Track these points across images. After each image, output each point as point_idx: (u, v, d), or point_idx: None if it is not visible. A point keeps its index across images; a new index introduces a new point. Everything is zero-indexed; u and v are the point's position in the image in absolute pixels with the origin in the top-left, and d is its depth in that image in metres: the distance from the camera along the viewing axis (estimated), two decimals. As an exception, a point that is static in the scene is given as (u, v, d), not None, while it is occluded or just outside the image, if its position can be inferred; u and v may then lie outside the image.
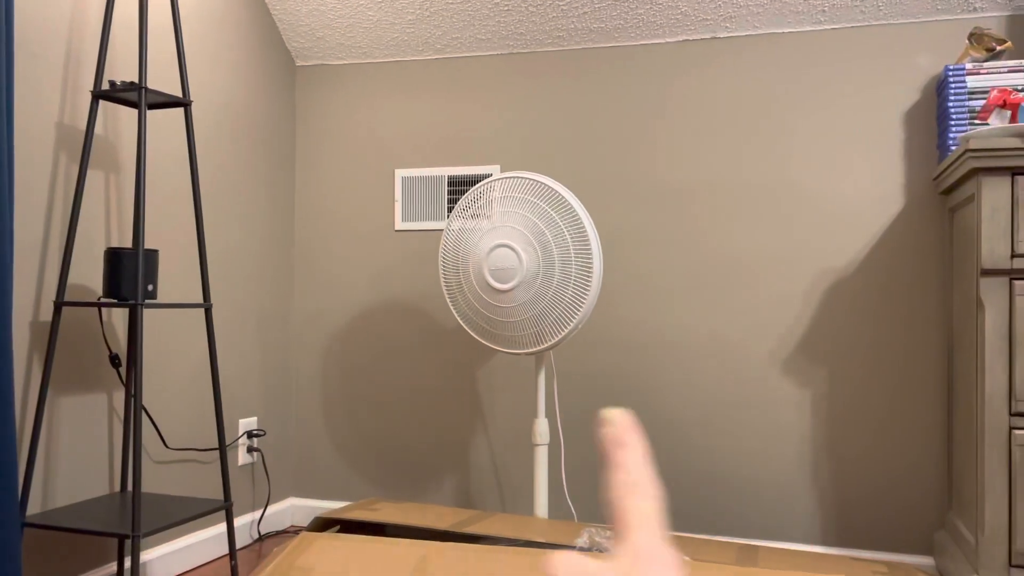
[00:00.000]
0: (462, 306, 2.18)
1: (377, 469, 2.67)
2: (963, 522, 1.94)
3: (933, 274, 2.21)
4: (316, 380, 2.73)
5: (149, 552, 2.14)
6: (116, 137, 2.06)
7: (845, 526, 2.26)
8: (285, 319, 2.72)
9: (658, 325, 2.41)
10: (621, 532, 0.37)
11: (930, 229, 2.21)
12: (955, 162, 1.88)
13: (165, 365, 2.20)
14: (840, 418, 2.27)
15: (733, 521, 2.34)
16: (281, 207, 2.70)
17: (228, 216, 2.46)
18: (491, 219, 2.12)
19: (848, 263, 2.27)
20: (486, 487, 2.56)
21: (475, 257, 2.13)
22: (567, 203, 2.07)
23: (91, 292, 1.98)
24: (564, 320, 2.07)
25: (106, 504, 1.88)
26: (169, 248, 2.22)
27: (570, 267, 2.05)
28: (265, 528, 2.59)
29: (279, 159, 2.69)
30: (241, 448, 2.50)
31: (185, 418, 2.27)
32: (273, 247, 2.66)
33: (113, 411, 2.04)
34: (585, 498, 2.46)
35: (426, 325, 2.62)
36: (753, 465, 2.33)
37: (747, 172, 2.35)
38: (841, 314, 2.27)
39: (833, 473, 2.27)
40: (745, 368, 2.34)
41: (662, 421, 2.40)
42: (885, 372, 2.24)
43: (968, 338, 1.90)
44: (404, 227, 2.64)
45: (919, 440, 2.21)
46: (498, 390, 2.55)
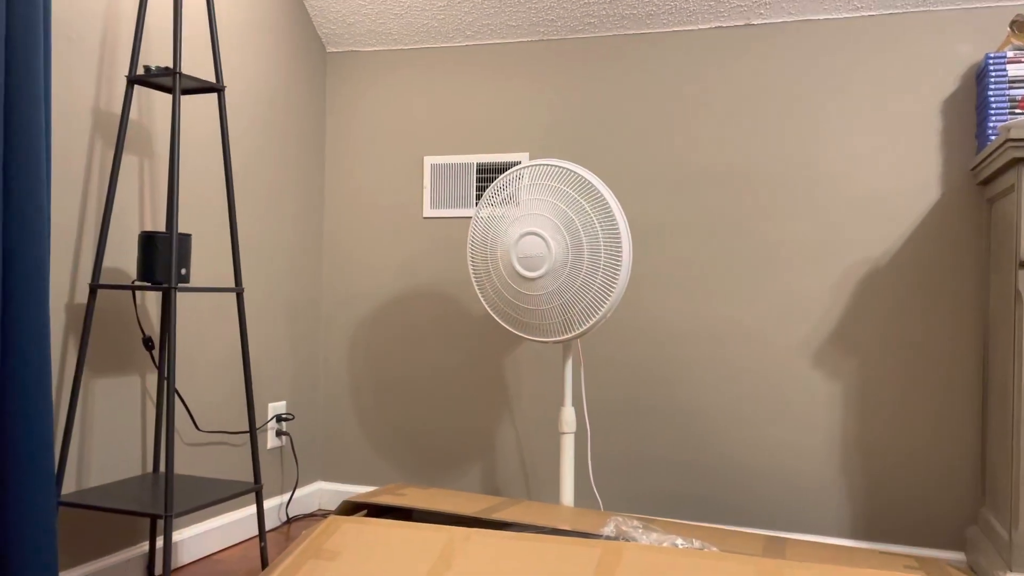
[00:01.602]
0: (490, 294, 2.18)
1: (403, 454, 2.68)
2: (996, 517, 1.91)
3: (969, 266, 2.17)
4: (344, 365, 2.75)
5: (180, 532, 2.18)
6: (150, 122, 2.08)
7: (875, 520, 2.23)
8: (314, 305, 2.74)
9: (687, 315, 2.40)
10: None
11: (967, 220, 2.17)
12: (995, 151, 1.84)
13: (197, 348, 2.23)
14: (871, 410, 2.24)
15: (761, 513, 2.32)
16: (311, 193, 2.72)
17: (259, 202, 2.47)
18: (519, 207, 2.12)
19: (882, 253, 2.24)
20: (512, 474, 2.57)
21: (503, 245, 2.12)
22: (596, 191, 2.06)
23: (125, 275, 2.01)
24: (592, 309, 2.06)
25: (138, 484, 1.91)
26: (202, 233, 2.25)
27: (599, 255, 2.05)
28: (293, 511, 2.62)
29: (309, 145, 2.70)
30: (270, 432, 2.52)
31: (216, 401, 2.30)
32: (303, 233, 2.68)
33: (146, 393, 2.07)
34: (611, 487, 2.46)
35: (453, 312, 2.63)
36: (782, 457, 2.31)
37: (780, 161, 2.32)
38: (874, 305, 2.24)
39: (863, 466, 2.25)
40: (775, 359, 2.32)
41: (690, 411, 2.39)
42: (918, 365, 2.21)
43: (1005, 330, 1.87)
44: (432, 214, 2.65)
45: (952, 434, 2.18)
46: (525, 378, 2.55)
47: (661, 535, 1.88)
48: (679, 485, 2.39)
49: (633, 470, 2.44)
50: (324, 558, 1.85)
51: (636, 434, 2.44)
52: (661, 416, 2.41)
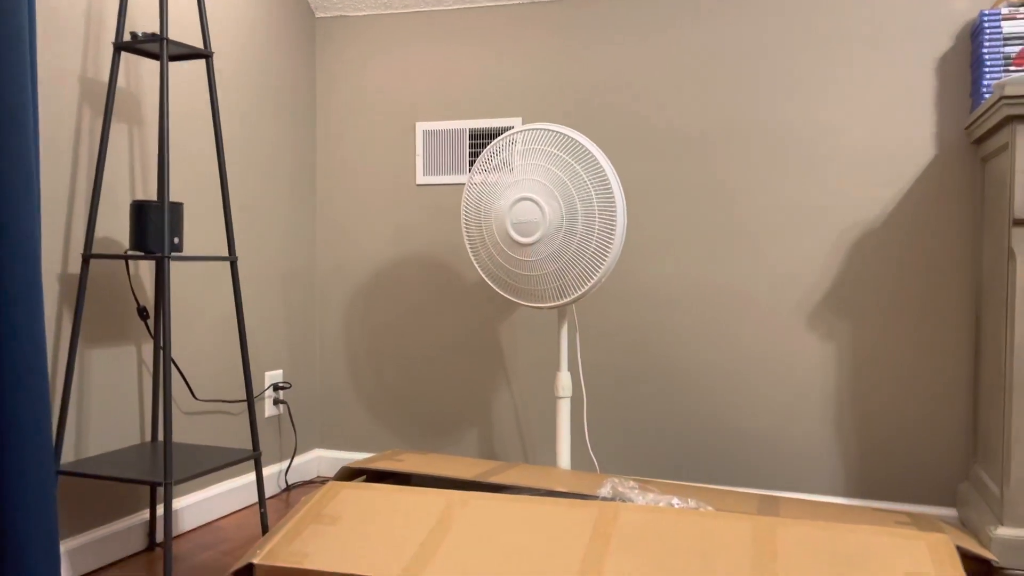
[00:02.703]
0: (484, 260, 2.18)
1: (401, 421, 2.70)
2: (988, 474, 1.94)
3: (963, 225, 2.17)
4: (340, 334, 2.75)
5: (180, 500, 2.19)
6: (139, 90, 2.05)
7: (868, 478, 2.26)
8: (309, 273, 2.74)
9: (682, 278, 2.40)
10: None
11: (961, 179, 2.17)
12: (989, 110, 1.84)
13: (192, 318, 2.23)
14: (865, 370, 2.26)
15: (756, 473, 2.35)
16: (303, 161, 2.70)
17: (251, 169, 2.46)
18: (513, 172, 2.11)
19: (877, 215, 2.24)
20: (509, 439, 2.58)
21: (497, 211, 2.12)
22: (590, 155, 2.05)
23: (118, 245, 2.00)
24: (587, 274, 2.06)
25: (137, 453, 1.92)
26: (194, 202, 2.23)
27: (593, 220, 2.04)
28: (292, 478, 2.64)
29: (300, 112, 2.68)
30: (267, 400, 2.53)
31: (213, 370, 2.30)
32: (296, 201, 2.67)
33: (142, 363, 2.07)
34: (607, 450, 2.48)
35: (448, 279, 2.63)
36: (777, 418, 2.33)
37: (773, 122, 2.31)
38: (868, 266, 2.25)
39: (857, 425, 2.27)
40: (770, 321, 2.33)
41: (686, 374, 2.40)
42: (912, 324, 2.22)
43: (998, 289, 1.88)
44: (425, 181, 2.63)
45: (944, 392, 2.20)
46: (521, 343, 2.56)
47: (657, 495, 1.91)
48: (675, 447, 2.42)
49: (629, 433, 2.46)
50: (324, 522, 1.87)
51: (632, 397, 2.45)
52: (657, 379, 2.43)
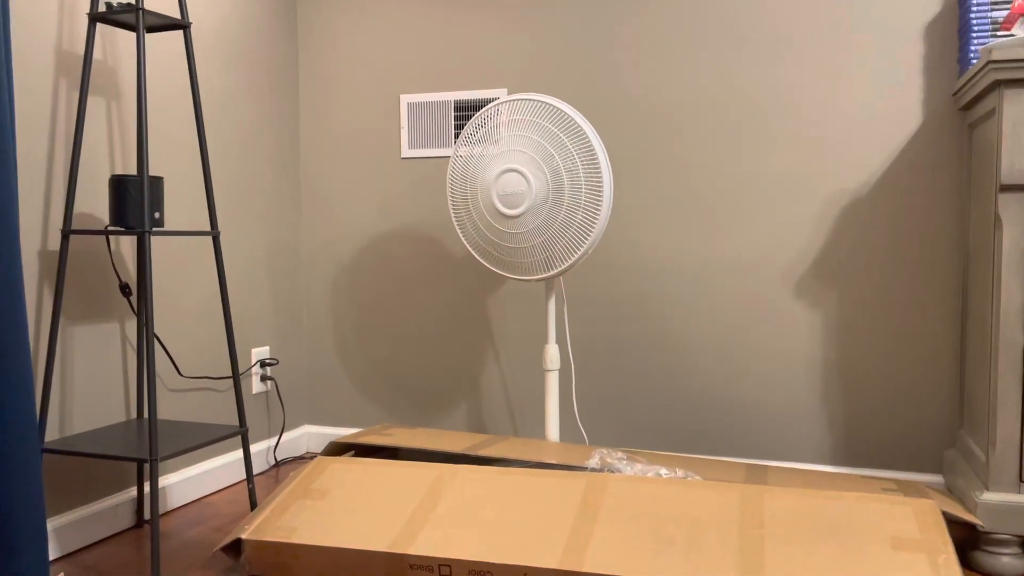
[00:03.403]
0: (471, 233, 2.16)
1: (390, 396, 2.69)
2: (974, 440, 1.95)
3: (950, 193, 2.17)
4: (327, 309, 2.74)
5: (168, 477, 2.19)
6: (116, 62, 2.02)
7: (855, 446, 2.27)
8: (294, 248, 2.71)
9: (669, 249, 2.39)
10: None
11: (948, 146, 2.16)
12: (976, 75, 1.83)
13: (176, 294, 2.21)
14: (852, 339, 2.26)
15: (744, 443, 2.36)
16: (286, 134, 2.67)
17: (233, 143, 2.43)
18: (499, 143, 2.08)
19: (863, 183, 2.23)
20: (498, 413, 2.58)
21: (483, 183, 2.10)
22: (576, 125, 2.03)
23: (98, 221, 1.97)
24: (574, 245, 2.05)
25: (123, 430, 1.91)
26: (175, 176, 2.20)
27: (580, 191, 2.03)
28: (281, 454, 2.64)
29: (282, 84, 2.64)
30: (255, 377, 2.52)
31: (198, 347, 2.29)
32: (279, 175, 2.64)
33: (126, 340, 2.05)
34: (596, 422, 2.48)
35: (435, 253, 2.61)
36: (764, 387, 2.33)
37: (759, 91, 2.29)
38: (855, 234, 2.25)
39: (844, 394, 2.27)
40: (757, 291, 2.33)
41: (673, 344, 2.40)
42: (898, 292, 2.22)
43: (984, 256, 1.88)
44: (411, 154, 2.61)
45: (930, 360, 2.20)
46: (509, 316, 2.55)
47: (645, 466, 1.91)
48: (663, 418, 2.42)
49: (617, 404, 2.46)
50: (313, 497, 1.87)
51: (620, 369, 2.45)
52: (644, 350, 2.43)
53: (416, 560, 1.65)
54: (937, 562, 1.48)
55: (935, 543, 1.53)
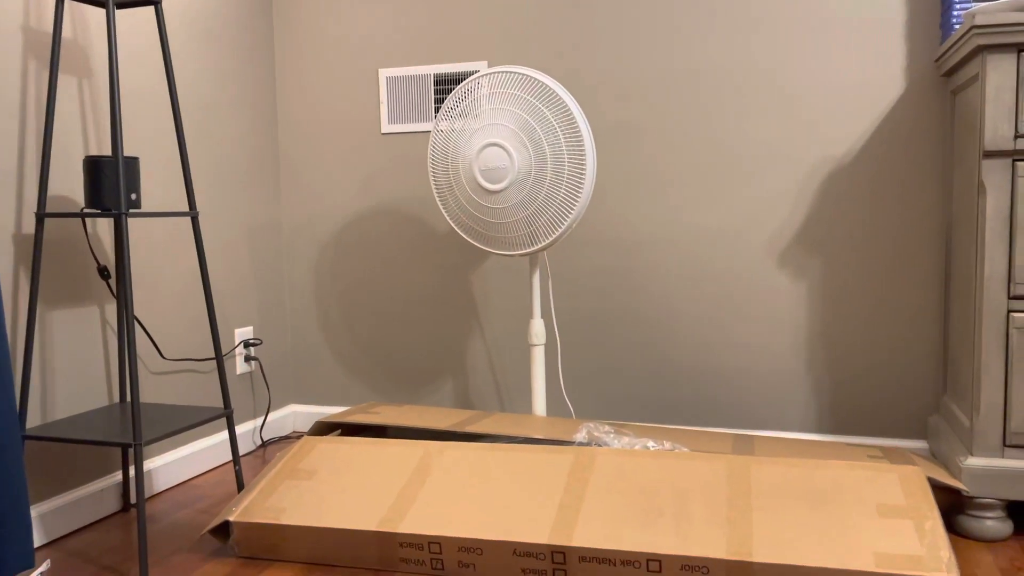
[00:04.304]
0: (453, 209, 2.14)
1: (376, 374, 2.68)
2: (958, 405, 1.96)
3: (934, 160, 2.17)
4: (310, 288, 2.72)
5: (153, 460, 2.17)
6: (87, 40, 1.97)
7: (841, 414, 2.29)
8: (275, 228, 2.68)
9: (652, 221, 2.38)
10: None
11: (931, 113, 2.16)
12: (959, 40, 1.81)
13: (157, 277, 2.18)
14: (836, 308, 2.27)
15: (730, 413, 2.37)
16: (263, 111, 2.62)
17: (209, 121, 2.38)
18: (480, 117, 2.06)
19: (847, 151, 2.22)
20: (485, 389, 2.58)
21: (465, 158, 2.07)
22: (558, 98, 2.00)
23: (74, 203, 1.94)
24: (558, 220, 2.04)
25: (106, 415, 1.89)
26: (152, 156, 2.16)
27: (562, 165, 2.01)
28: (267, 435, 2.62)
29: (258, 60, 2.59)
30: (238, 357, 2.50)
31: (181, 329, 2.26)
32: (257, 153, 2.60)
33: (107, 323, 2.02)
34: (583, 395, 2.49)
35: (418, 230, 2.59)
36: (750, 357, 2.34)
37: (742, 59, 2.27)
38: (839, 203, 2.24)
39: (829, 362, 2.28)
40: (741, 262, 2.32)
41: (658, 317, 2.40)
42: (882, 260, 2.22)
43: (968, 223, 1.88)
44: (391, 129, 2.57)
45: (915, 327, 2.21)
46: (493, 292, 2.54)
47: (632, 439, 1.91)
48: (650, 390, 2.42)
49: (604, 378, 2.46)
50: (300, 477, 1.86)
51: (605, 342, 2.45)
52: (630, 323, 2.42)
53: (406, 538, 1.65)
54: (923, 528, 1.49)
55: (921, 509, 1.54)
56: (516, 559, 1.60)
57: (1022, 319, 1.71)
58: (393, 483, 1.80)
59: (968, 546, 1.74)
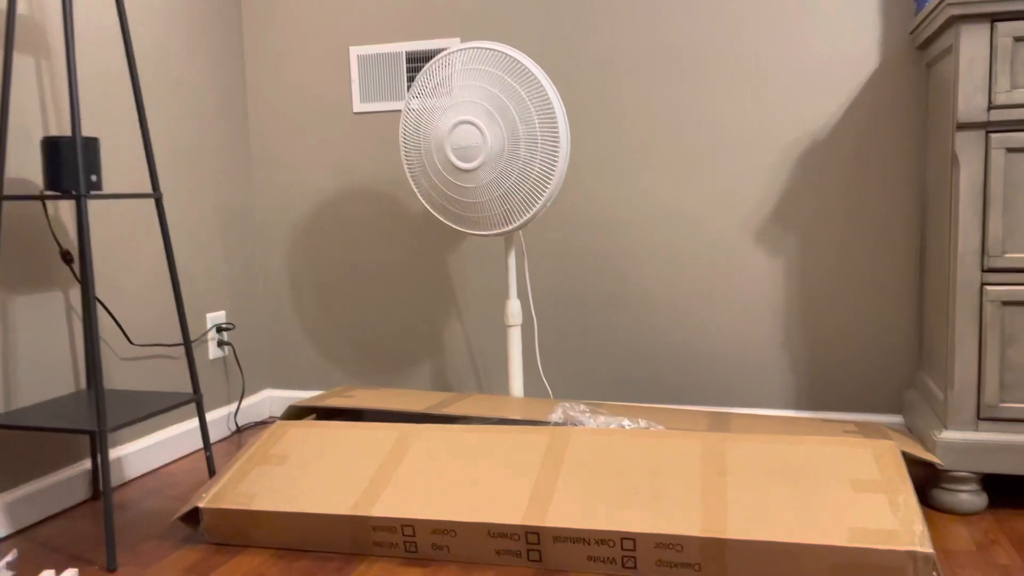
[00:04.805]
0: (426, 189, 2.11)
1: (352, 358, 2.65)
2: (932, 379, 1.96)
3: (909, 134, 2.15)
4: (284, 272, 2.68)
5: (125, 447, 2.14)
6: (43, 16, 1.91)
7: (817, 390, 2.28)
8: (247, 210, 2.64)
9: (628, 200, 2.36)
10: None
11: (907, 88, 2.14)
12: (933, 11, 1.80)
13: (125, 261, 2.13)
14: (812, 285, 2.26)
15: (708, 391, 2.36)
16: (232, 91, 2.57)
17: (174, 101, 2.33)
18: (452, 95, 2.02)
19: (821, 127, 2.21)
20: (462, 370, 2.56)
21: (436, 136, 2.04)
22: (531, 75, 1.97)
23: (34, 186, 1.89)
24: (532, 198, 2.01)
25: (73, 401, 1.85)
26: (119, 139, 2.11)
27: (536, 143, 1.98)
28: (243, 420, 2.59)
29: (226, 38, 2.54)
30: (211, 342, 2.46)
31: (150, 314, 2.22)
32: (227, 135, 2.55)
33: (71, 308, 1.98)
34: (560, 376, 2.47)
35: (392, 210, 2.55)
36: (726, 336, 2.33)
37: (715, 37, 2.25)
38: (814, 180, 2.23)
39: (805, 339, 2.28)
40: (717, 240, 2.31)
41: (635, 296, 2.38)
42: (858, 236, 2.21)
43: (942, 197, 1.87)
44: (363, 109, 2.53)
45: (890, 302, 2.21)
46: (469, 273, 2.51)
47: (608, 418, 1.90)
48: (627, 370, 2.41)
49: (581, 358, 2.45)
50: (272, 463, 1.83)
51: (583, 322, 2.43)
52: (607, 303, 2.40)
53: (379, 522, 1.63)
54: (897, 501, 1.49)
55: (895, 483, 1.54)
56: (490, 540, 1.58)
57: (996, 292, 1.70)
58: (367, 467, 1.78)
59: (943, 519, 1.74)
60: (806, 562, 1.43)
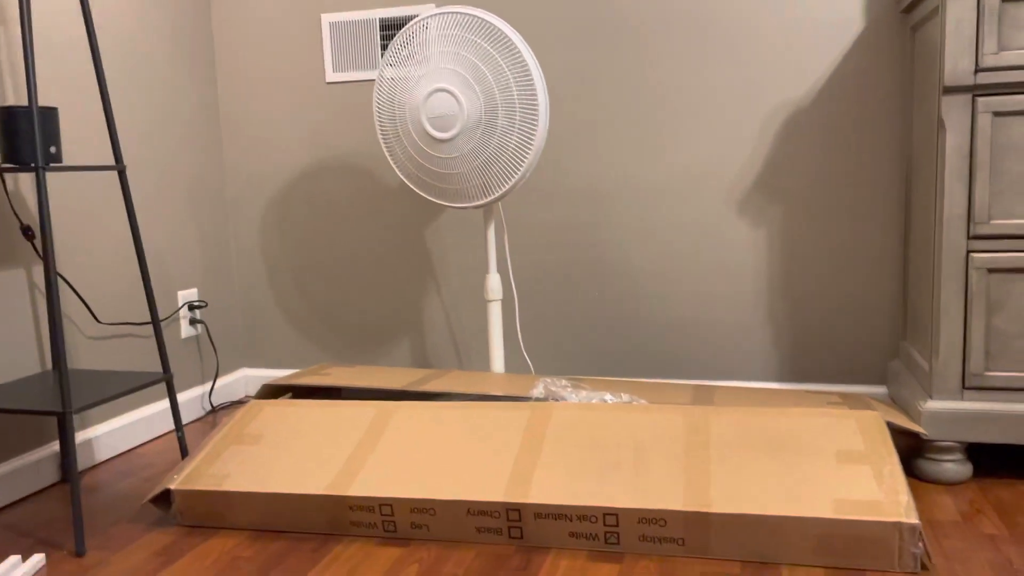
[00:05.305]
0: (402, 160, 2.05)
1: (330, 335, 2.60)
2: (917, 349, 1.94)
3: (894, 99, 2.12)
4: (257, 248, 2.61)
5: (95, 428, 2.08)
6: (-3, -17, 1.83)
7: (802, 362, 2.26)
8: (218, 185, 2.56)
9: (609, 171, 2.31)
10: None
11: (891, 52, 2.10)
12: (919, -27, 1.75)
13: (91, 236, 2.07)
14: (796, 255, 2.23)
15: (691, 364, 2.33)
16: (199, 61, 2.49)
17: (142, 72, 2.25)
18: (427, 62, 1.96)
19: (805, 93, 2.16)
20: (443, 347, 2.51)
21: (411, 105, 1.98)
22: (509, 41, 1.91)
23: (-9, 160, 1.81)
24: (511, 169, 1.96)
25: (38, 382, 1.79)
26: (85, 110, 2.04)
27: (514, 112, 1.92)
28: (217, 399, 2.54)
29: (192, 4, 2.45)
30: (183, 321, 2.40)
31: (119, 292, 2.16)
32: (195, 106, 2.47)
33: (34, 286, 1.91)
34: (542, 351, 2.43)
35: (368, 184, 2.49)
36: (710, 307, 2.30)
37: (696, 2, 2.19)
38: (798, 147, 2.19)
39: (790, 310, 2.25)
40: (700, 210, 2.27)
41: (617, 269, 2.34)
42: (843, 204, 2.18)
43: (928, 163, 1.84)
44: (336, 79, 2.46)
45: (875, 272, 2.18)
46: (449, 247, 2.46)
47: (590, 392, 1.86)
48: (609, 344, 2.38)
49: (563, 332, 2.41)
50: (246, 443, 1.79)
51: (564, 296, 2.39)
52: (589, 276, 2.36)
53: (356, 501, 1.59)
54: (882, 472, 1.47)
55: (879, 454, 1.51)
56: (470, 518, 1.55)
57: (981, 260, 1.67)
58: (343, 445, 1.73)
59: (928, 489, 1.73)
60: (791, 534, 1.40)
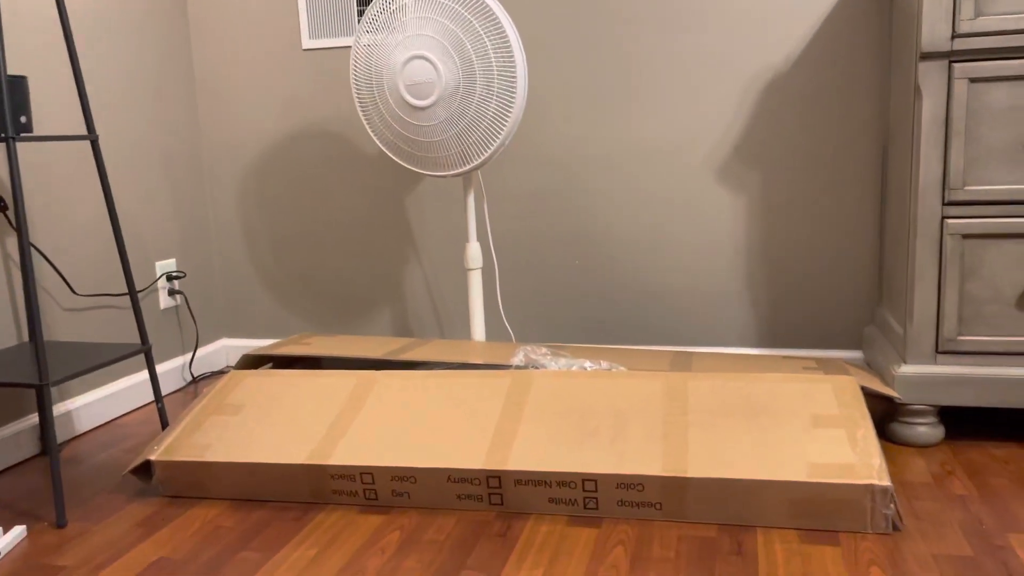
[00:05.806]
0: (380, 128, 2.03)
1: (310, 305, 2.59)
2: (892, 314, 1.97)
3: (872, 66, 2.12)
4: (235, 217, 2.59)
5: (75, 400, 2.07)
6: (-40, -53, 1.78)
7: (779, 328, 2.28)
8: (194, 153, 2.53)
9: (588, 138, 2.30)
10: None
11: (870, 18, 2.10)
12: (898, -63, 1.74)
13: (67, 207, 2.04)
14: (774, 222, 2.24)
15: (670, 331, 2.35)
16: (173, 28, 2.44)
17: (115, 40, 2.21)
18: (404, 28, 1.94)
19: (784, 59, 2.16)
20: (424, 315, 2.52)
21: (389, 72, 1.96)
22: (487, 7, 1.89)
23: (-40, 130, 1.78)
24: (489, 137, 1.95)
25: (14, 354, 1.78)
26: (59, 79, 2.00)
27: (492, 79, 1.91)
28: (198, 370, 2.53)
29: (165, -26, 2.40)
30: (162, 291, 2.39)
31: (95, 263, 2.14)
32: (170, 75, 2.43)
33: (9, 257, 1.89)
34: (523, 319, 2.44)
35: (346, 152, 2.47)
36: (689, 274, 2.31)
37: (679, -36, 2.17)
38: (777, 113, 2.19)
39: (767, 276, 2.27)
40: (680, 177, 2.27)
41: (596, 236, 2.34)
42: (820, 171, 2.19)
43: (904, 129, 1.84)
44: (312, 45, 2.42)
45: (852, 238, 2.20)
46: (428, 216, 2.45)
47: (570, 360, 1.88)
48: (589, 311, 2.39)
49: (543, 301, 2.41)
50: (227, 413, 1.79)
51: (544, 264, 2.39)
52: (568, 244, 2.37)
53: (336, 470, 1.60)
54: (856, 436, 1.49)
55: (853, 418, 1.54)
56: (451, 485, 1.56)
57: (956, 226, 1.69)
58: (324, 415, 1.74)
59: (901, 452, 1.76)
60: (766, 498, 1.43)
